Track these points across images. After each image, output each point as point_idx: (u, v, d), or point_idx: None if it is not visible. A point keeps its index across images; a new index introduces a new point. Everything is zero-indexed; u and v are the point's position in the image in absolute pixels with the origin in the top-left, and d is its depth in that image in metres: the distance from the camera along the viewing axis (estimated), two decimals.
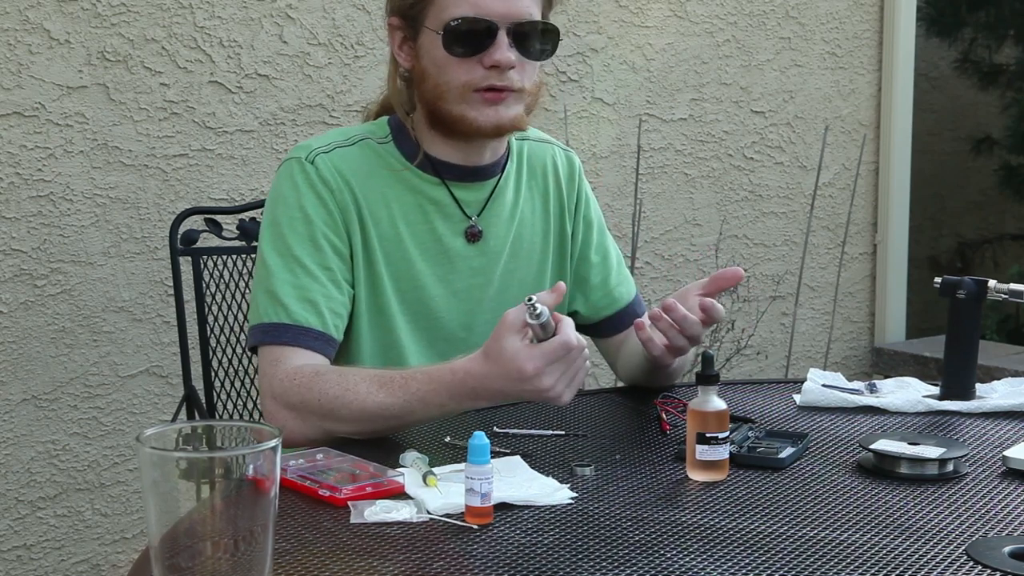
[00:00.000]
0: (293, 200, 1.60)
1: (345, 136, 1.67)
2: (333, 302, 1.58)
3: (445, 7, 1.58)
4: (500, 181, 1.71)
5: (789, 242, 3.72)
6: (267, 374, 1.53)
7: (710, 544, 1.10)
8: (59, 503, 2.56)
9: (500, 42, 1.56)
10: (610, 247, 1.84)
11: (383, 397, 1.46)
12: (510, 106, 1.60)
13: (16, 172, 2.44)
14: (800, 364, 3.70)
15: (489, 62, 1.57)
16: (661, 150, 3.41)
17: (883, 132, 3.87)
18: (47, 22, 2.44)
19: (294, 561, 1.06)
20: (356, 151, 1.65)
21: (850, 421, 1.58)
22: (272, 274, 1.57)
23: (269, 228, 1.61)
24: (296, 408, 1.48)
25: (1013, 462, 1.34)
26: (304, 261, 1.57)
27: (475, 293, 1.69)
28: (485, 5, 1.56)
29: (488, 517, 1.15)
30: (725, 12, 3.49)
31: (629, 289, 1.84)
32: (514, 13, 1.57)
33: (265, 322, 1.55)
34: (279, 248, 1.58)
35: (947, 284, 1.69)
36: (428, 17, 1.60)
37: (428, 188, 1.66)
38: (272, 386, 1.51)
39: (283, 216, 1.60)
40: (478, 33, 1.56)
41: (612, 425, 1.57)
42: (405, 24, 1.63)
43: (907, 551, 1.09)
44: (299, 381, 1.49)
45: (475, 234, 1.68)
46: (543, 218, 1.77)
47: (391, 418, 1.47)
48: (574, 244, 1.80)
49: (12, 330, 2.47)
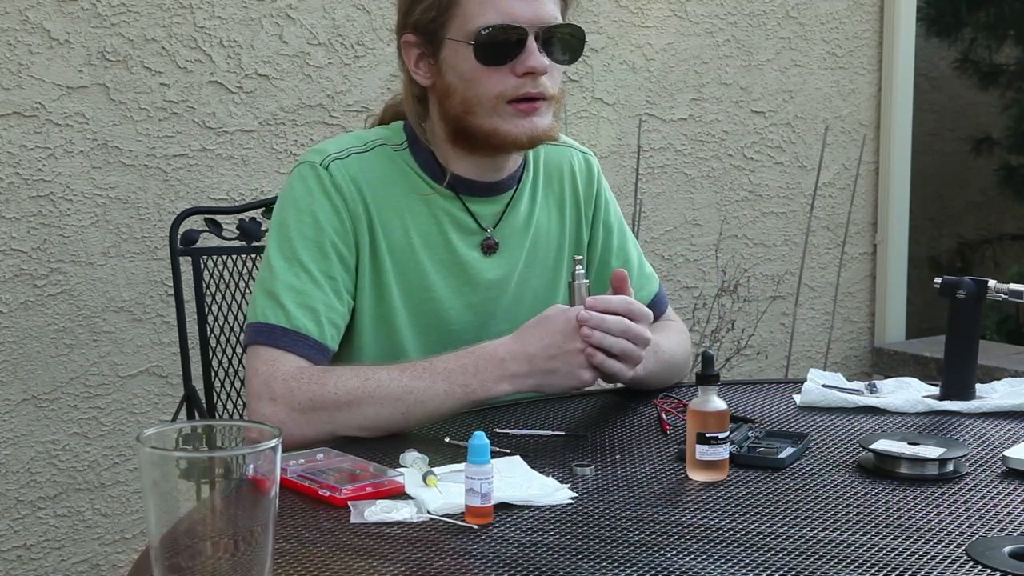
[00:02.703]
0: (305, 204, 1.58)
1: (361, 141, 1.65)
2: (333, 312, 1.56)
3: (470, 17, 1.54)
4: (516, 193, 1.70)
5: (789, 242, 3.72)
6: (261, 373, 1.50)
7: (710, 544, 1.10)
8: (59, 503, 2.56)
9: (531, 48, 1.54)
10: (631, 248, 1.83)
11: (407, 380, 1.46)
12: (543, 115, 1.58)
13: (16, 172, 2.44)
14: (800, 364, 3.70)
15: (522, 69, 1.54)
16: (661, 150, 3.41)
17: (883, 132, 3.87)
18: (47, 22, 2.44)
19: (294, 561, 1.05)
20: (372, 158, 1.63)
21: (850, 421, 1.58)
22: (276, 276, 1.56)
23: (277, 230, 1.59)
24: (303, 408, 1.46)
25: (1013, 462, 1.34)
26: (309, 267, 1.56)
27: (489, 305, 1.68)
28: (513, 11, 1.53)
29: (488, 517, 1.15)
30: (725, 12, 3.49)
31: (651, 289, 1.83)
32: (541, 18, 1.55)
33: (263, 322, 1.54)
34: (285, 251, 1.57)
35: (947, 284, 1.69)
36: (451, 29, 1.56)
37: (443, 201, 1.65)
38: (272, 387, 1.48)
39: (292, 220, 1.58)
40: (508, 41, 1.54)
41: (612, 425, 1.57)
42: (423, 40, 1.59)
43: (907, 551, 1.09)
44: (308, 378, 1.48)
45: (491, 246, 1.67)
46: (559, 226, 1.76)
47: (414, 404, 1.45)
48: (592, 250, 1.79)
49: (12, 330, 2.47)
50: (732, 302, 3.49)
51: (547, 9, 1.56)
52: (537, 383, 1.48)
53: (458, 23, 1.56)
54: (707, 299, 3.45)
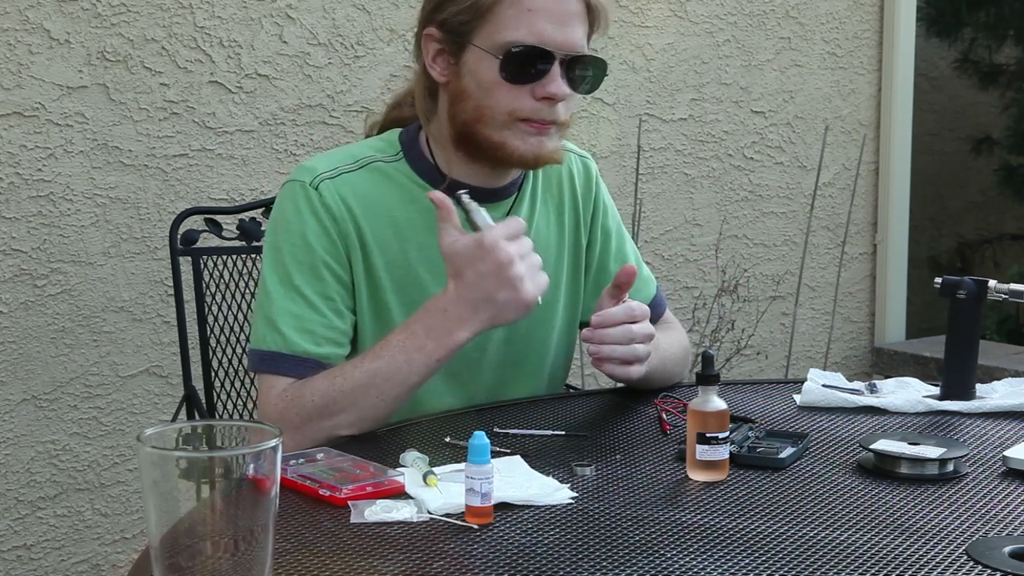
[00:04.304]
0: (295, 227, 1.58)
1: (352, 159, 1.63)
2: (333, 331, 1.56)
3: (501, 28, 1.53)
4: (516, 199, 1.70)
5: (789, 242, 3.72)
6: (261, 403, 1.54)
7: (710, 544, 1.10)
8: (59, 503, 2.56)
9: (554, 74, 1.54)
10: (629, 252, 1.83)
11: (368, 363, 1.47)
12: (552, 138, 1.58)
13: (16, 172, 2.44)
14: (800, 364, 3.70)
15: (542, 93, 1.54)
16: (661, 150, 3.41)
17: (883, 132, 3.87)
18: (47, 22, 2.44)
19: (294, 561, 1.06)
20: (362, 176, 1.61)
21: (850, 421, 1.58)
22: (272, 301, 1.56)
23: (271, 253, 1.59)
24: (295, 425, 1.48)
25: (1013, 462, 1.34)
26: (304, 291, 1.56)
27: None
28: (545, 34, 1.52)
29: (488, 517, 1.15)
30: (725, 12, 3.49)
31: (648, 291, 1.82)
32: (571, 44, 1.55)
33: (263, 349, 1.55)
34: (280, 275, 1.57)
35: (947, 284, 1.69)
36: (478, 35, 1.54)
37: None
38: (268, 415, 1.51)
39: (285, 243, 1.58)
40: (534, 62, 1.53)
41: (612, 425, 1.57)
42: (446, 38, 1.57)
43: (907, 551, 1.09)
44: (289, 396, 1.50)
45: None
46: (558, 231, 1.75)
47: (382, 383, 1.46)
48: (590, 255, 1.79)
49: (12, 330, 2.47)
50: (732, 302, 3.49)
51: (577, 36, 1.56)
52: (489, 318, 1.46)
53: (488, 32, 1.54)
54: (707, 299, 3.45)
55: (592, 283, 1.79)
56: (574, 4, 1.56)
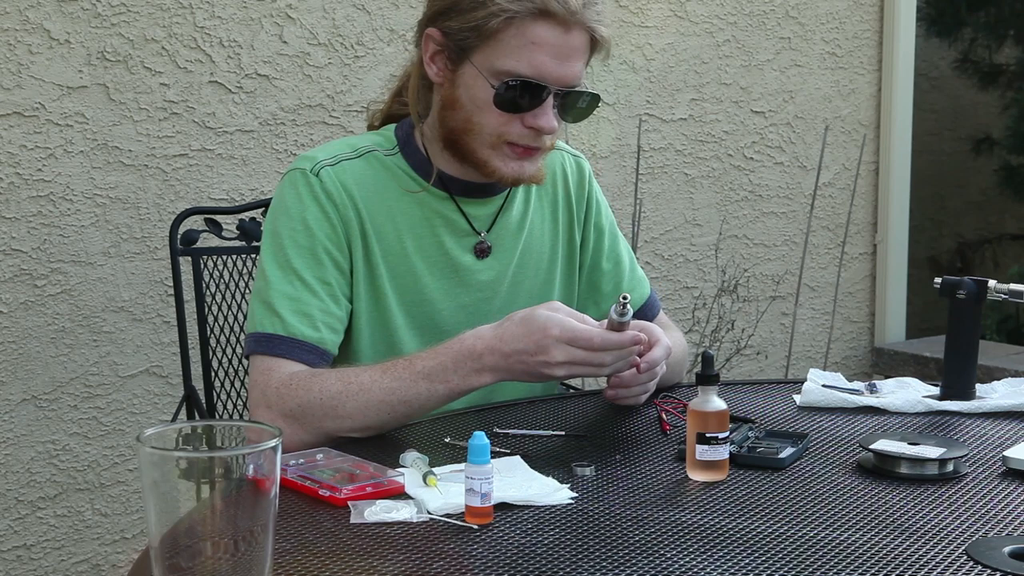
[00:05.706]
0: (296, 212, 1.58)
1: (351, 148, 1.65)
2: (330, 316, 1.57)
3: (501, 54, 1.53)
4: (509, 195, 1.71)
5: (789, 242, 3.72)
6: (258, 383, 1.52)
7: (710, 544, 1.10)
8: (59, 503, 2.56)
9: (546, 107, 1.55)
10: (622, 251, 1.84)
11: (388, 381, 1.46)
12: (535, 161, 1.60)
13: (16, 172, 2.44)
14: (800, 364, 3.70)
15: (532, 124, 1.55)
16: (661, 150, 3.41)
17: (883, 132, 3.87)
18: (47, 22, 2.44)
19: (294, 561, 1.06)
20: (362, 164, 1.63)
21: (850, 421, 1.58)
22: (270, 285, 1.56)
23: (270, 239, 1.60)
24: (294, 414, 1.47)
25: (1013, 462, 1.34)
26: (303, 274, 1.56)
27: (483, 307, 1.68)
28: (544, 67, 1.53)
29: (488, 517, 1.15)
30: (725, 12, 3.49)
31: (642, 292, 1.83)
32: (567, 80, 1.55)
33: (260, 332, 1.55)
34: (279, 260, 1.57)
35: (947, 284, 1.69)
36: (478, 55, 1.54)
37: (436, 202, 1.65)
38: (266, 395, 1.50)
39: (284, 228, 1.58)
40: (528, 94, 1.53)
41: (612, 425, 1.57)
42: (447, 43, 1.57)
43: (907, 551, 1.09)
44: (296, 384, 1.49)
45: (484, 250, 1.68)
46: (552, 228, 1.76)
47: (398, 404, 1.46)
48: (584, 253, 1.80)
49: (12, 330, 2.47)
50: (732, 302, 3.49)
51: (575, 71, 1.56)
52: (511, 376, 1.48)
53: (488, 55, 1.54)
54: (707, 299, 3.45)
55: (585, 281, 1.80)
56: (578, 39, 1.56)
